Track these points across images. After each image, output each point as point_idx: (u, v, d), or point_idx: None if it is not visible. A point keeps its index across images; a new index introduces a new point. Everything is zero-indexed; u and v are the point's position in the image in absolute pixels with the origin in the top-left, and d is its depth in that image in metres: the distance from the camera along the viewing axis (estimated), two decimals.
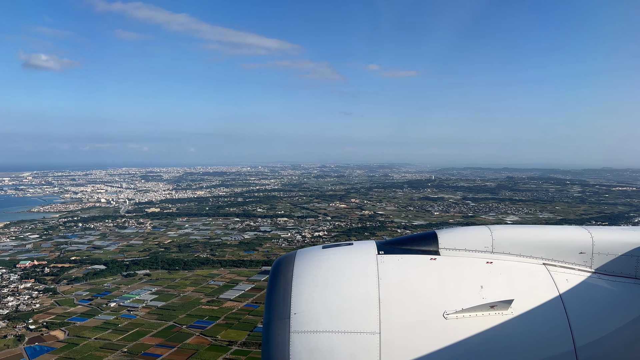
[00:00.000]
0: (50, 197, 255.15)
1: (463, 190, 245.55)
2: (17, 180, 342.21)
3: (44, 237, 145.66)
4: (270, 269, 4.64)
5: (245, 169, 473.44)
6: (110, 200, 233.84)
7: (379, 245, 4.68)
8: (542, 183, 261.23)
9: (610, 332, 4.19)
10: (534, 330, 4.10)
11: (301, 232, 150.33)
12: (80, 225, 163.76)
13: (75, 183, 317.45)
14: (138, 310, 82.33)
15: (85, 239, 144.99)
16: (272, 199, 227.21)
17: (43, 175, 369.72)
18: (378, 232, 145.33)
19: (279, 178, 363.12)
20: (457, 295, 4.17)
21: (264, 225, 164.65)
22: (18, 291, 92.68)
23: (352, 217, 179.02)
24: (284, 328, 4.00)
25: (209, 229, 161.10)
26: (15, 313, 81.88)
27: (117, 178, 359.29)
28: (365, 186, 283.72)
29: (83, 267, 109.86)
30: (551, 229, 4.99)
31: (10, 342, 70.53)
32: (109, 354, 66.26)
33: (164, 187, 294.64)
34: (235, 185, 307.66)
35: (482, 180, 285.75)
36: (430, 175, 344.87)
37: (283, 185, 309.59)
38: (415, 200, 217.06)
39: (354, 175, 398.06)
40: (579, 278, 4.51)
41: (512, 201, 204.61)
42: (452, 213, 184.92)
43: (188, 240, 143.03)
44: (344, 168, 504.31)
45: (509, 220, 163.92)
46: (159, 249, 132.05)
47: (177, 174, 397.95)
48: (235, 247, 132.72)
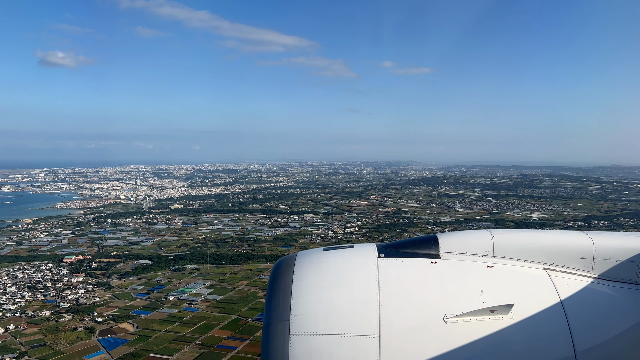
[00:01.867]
0: (68, 193, 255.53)
1: (480, 188, 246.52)
2: (30, 177, 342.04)
3: (76, 233, 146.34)
4: (271, 270, 4.69)
5: (253, 166, 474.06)
6: (130, 197, 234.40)
7: (379, 248, 4.68)
8: (558, 180, 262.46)
9: (610, 338, 4.19)
10: (534, 335, 4.09)
11: (331, 228, 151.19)
12: (110, 221, 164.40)
13: (88, 180, 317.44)
14: (198, 304, 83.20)
15: (118, 234, 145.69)
16: (291, 196, 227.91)
17: (54, 173, 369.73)
18: (408, 228, 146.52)
19: (290, 175, 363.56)
20: (457, 299, 4.19)
21: (291, 222, 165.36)
22: (73, 285, 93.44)
23: (377, 213, 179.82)
24: (284, 330, 4.01)
25: (238, 225, 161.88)
26: (77, 306, 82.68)
27: (128, 175, 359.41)
28: (380, 183, 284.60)
29: (129, 261, 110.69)
30: (552, 234, 5.06)
31: (82, 334, 71.35)
32: (183, 346, 67.14)
33: (179, 184, 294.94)
34: (248, 182, 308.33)
35: (497, 177, 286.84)
36: (444, 173, 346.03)
37: (296, 182, 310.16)
38: (435, 198, 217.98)
39: (363, 173, 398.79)
40: (580, 283, 4.51)
41: (533, 198, 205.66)
42: (475, 210, 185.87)
43: (221, 236, 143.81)
44: (352, 165, 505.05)
45: (534, 217, 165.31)
46: (196, 244, 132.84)
47: (187, 172, 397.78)
48: (271, 242, 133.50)
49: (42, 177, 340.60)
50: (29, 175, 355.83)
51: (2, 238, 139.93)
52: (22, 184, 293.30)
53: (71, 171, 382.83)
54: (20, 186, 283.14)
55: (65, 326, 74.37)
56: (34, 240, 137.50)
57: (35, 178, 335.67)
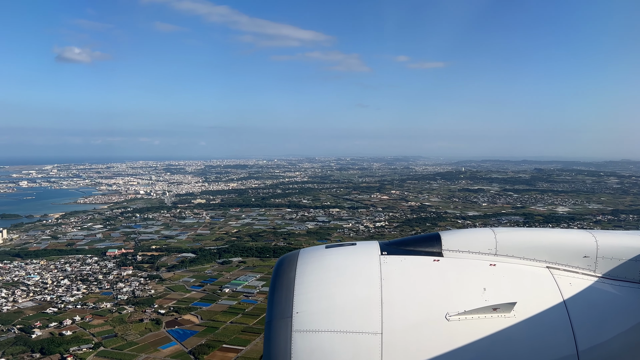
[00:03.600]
0: (86, 189, 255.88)
1: (498, 182, 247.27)
2: (43, 172, 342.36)
3: (108, 228, 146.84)
4: (274, 267, 4.65)
5: (261, 162, 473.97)
6: (149, 192, 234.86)
7: (382, 246, 4.65)
8: (575, 175, 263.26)
9: (613, 337, 4.19)
10: (537, 333, 4.09)
11: (360, 222, 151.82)
12: (138, 216, 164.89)
13: (101, 176, 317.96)
14: (255, 296, 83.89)
15: (150, 229, 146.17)
16: (310, 191, 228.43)
17: (66, 168, 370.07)
18: (438, 222, 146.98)
19: (301, 171, 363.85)
20: (459, 297, 4.17)
21: (319, 216, 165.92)
22: (124, 278, 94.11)
23: (401, 208, 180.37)
24: (286, 327, 3.99)
25: (266, 219, 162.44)
26: (134, 298, 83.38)
27: (140, 171, 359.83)
28: (395, 178, 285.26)
29: (172, 255, 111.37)
30: (555, 232, 5.01)
31: (150, 325, 72.04)
32: (254, 337, 67.82)
33: (194, 180, 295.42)
34: (263, 177, 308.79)
35: (514, 172, 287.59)
36: (455, 168, 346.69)
37: (310, 177, 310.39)
38: (455, 192, 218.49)
39: (374, 168, 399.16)
40: (583, 282, 4.49)
41: (554, 192, 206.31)
42: (499, 204, 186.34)
43: (253, 230, 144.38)
44: (360, 161, 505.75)
45: (560, 211, 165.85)
46: (231, 238, 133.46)
47: (198, 167, 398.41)
48: (305, 236, 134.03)
49: (55, 173, 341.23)
50: (41, 170, 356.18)
51: (36, 232, 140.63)
52: (38, 180, 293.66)
53: (82, 167, 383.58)
54: (37, 182, 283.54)
55: (130, 318, 75.07)
56: (68, 234, 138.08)
57: (49, 174, 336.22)
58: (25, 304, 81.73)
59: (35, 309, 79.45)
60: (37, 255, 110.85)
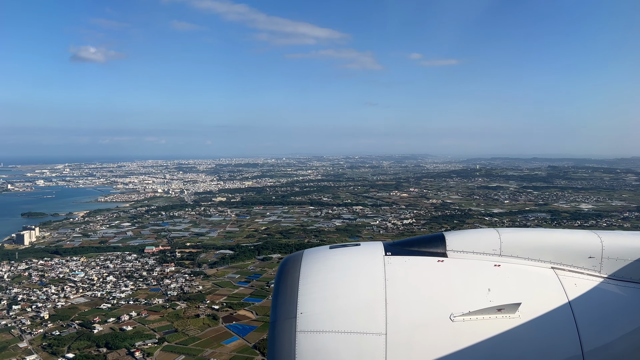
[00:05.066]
0: (103, 187, 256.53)
1: (515, 180, 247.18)
2: (56, 172, 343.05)
3: (137, 225, 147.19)
4: (278, 268, 4.69)
5: (270, 160, 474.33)
6: (168, 190, 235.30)
7: (386, 247, 4.65)
8: (591, 172, 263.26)
9: (618, 338, 4.18)
10: (542, 334, 4.08)
11: (386, 219, 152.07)
12: (164, 213, 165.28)
13: (115, 175, 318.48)
14: None
15: (178, 226, 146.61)
16: (327, 189, 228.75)
17: (77, 168, 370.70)
18: (466, 220, 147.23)
19: (313, 169, 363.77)
20: (464, 297, 4.17)
21: (343, 214, 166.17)
22: (168, 274, 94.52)
23: (424, 205, 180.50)
24: (290, 327, 4.00)
25: (292, 216, 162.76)
26: (184, 294, 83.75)
27: (152, 170, 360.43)
28: (409, 176, 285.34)
29: (210, 251, 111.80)
30: (560, 233, 4.99)
31: (207, 321, 72.39)
32: None
33: (209, 178, 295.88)
34: (276, 176, 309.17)
35: (529, 169, 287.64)
36: (467, 166, 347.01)
37: (323, 176, 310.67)
38: (474, 190, 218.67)
39: (384, 166, 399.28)
40: (588, 282, 4.48)
41: (574, 189, 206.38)
42: (521, 201, 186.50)
43: (281, 227, 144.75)
44: (369, 159, 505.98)
45: (584, 208, 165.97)
46: (262, 235, 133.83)
47: (209, 166, 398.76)
48: (335, 233, 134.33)
49: (68, 172, 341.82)
50: (54, 170, 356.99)
51: (66, 230, 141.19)
52: (53, 179, 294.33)
53: (93, 166, 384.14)
54: (53, 181, 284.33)
55: (185, 313, 75.45)
56: (98, 232, 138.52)
57: (62, 173, 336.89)
58: (77, 300, 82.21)
59: (89, 304, 79.87)
60: (76, 252, 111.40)
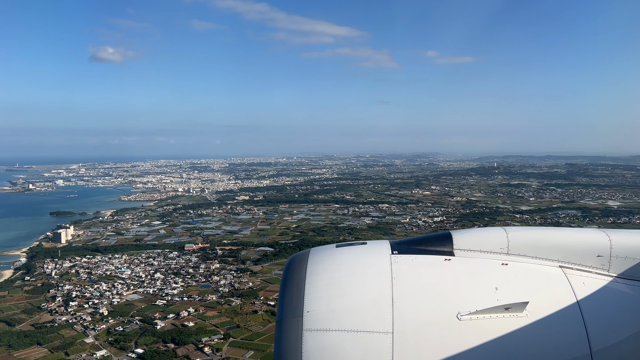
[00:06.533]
0: (123, 187, 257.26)
1: (535, 177, 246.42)
2: (72, 172, 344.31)
3: (167, 224, 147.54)
4: (284, 266, 4.69)
5: (281, 159, 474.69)
6: (188, 189, 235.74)
7: (392, 245, 4.64)
8: (612, 169, 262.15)
9: (627, 337, 4.15)
10: (550, 333, 4.05)
11: (416, 217, 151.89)
12: (192, 212, 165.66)
13: (130, 174, 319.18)
14: None
15: (209, 224, 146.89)
16: (347, 187, 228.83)
17: (92, 168, 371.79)
18: (497, 217, 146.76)
19: (326, 168, 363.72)
20: (471, 296, 4.16)
21: (370, 212, 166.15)
22: (215, 271, 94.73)
23: (449, 203, 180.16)
24: (297, 326, 4.01)
25: (319, 214, 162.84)
26: (236, 291, 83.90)
27: (166, 169, 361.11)
28: (426, 174, 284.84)
29: (249, 249, 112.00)
30: (568, 231, 4.97)
31: (266, 317, 72.47)
32: None
33: (226, 177, 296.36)
34: (292, 174, 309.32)
35: (548, 167, 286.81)
36: (482, 164, 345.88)
37: (339, 174, 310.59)
38: (496, 187, 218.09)
39: (397, 165, 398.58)
40: (596, 281, 4.44)
41: (598, 187, 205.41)
42: (547, 199, 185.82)
43: (311, 225, 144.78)
44: (380, 158, 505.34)
45: (612, 205, 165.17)
46: (295, 232, 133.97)
47: (222, 165, 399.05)
48: (369, 231, 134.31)
49: (83, 172, 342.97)
50: (69, 170, 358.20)
51: (98, 229, 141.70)
52: (72, 179, 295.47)
53: (107, 166, 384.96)
54: (72, 180, 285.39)
55: (242, 309, 75.59)
56: (130, 230, 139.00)
57: (78, 173, 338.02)
58: (131, 296, 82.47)
59: (143, 301, 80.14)
60: (116, 250, 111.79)
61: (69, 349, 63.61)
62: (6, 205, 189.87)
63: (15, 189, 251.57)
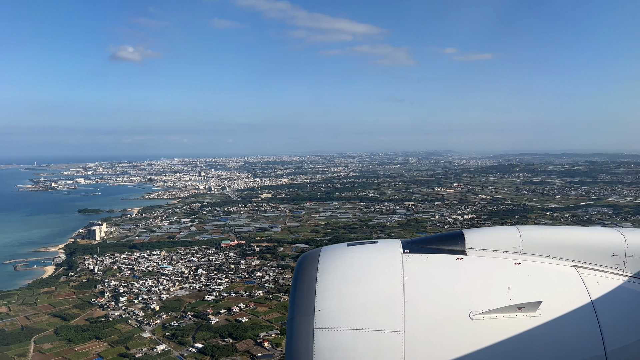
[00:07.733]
0: (144, 185, 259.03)
1: (557, 175, 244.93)
2: (90, 170, 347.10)
3: (197, 221, 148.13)
4: (295, 265, 4.66)
5: (295, 158, 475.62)
6: (210, 187, 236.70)
7: (404, 244, 4.62)
8: (635, 167, 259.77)
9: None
10: (563, 333, 4.00)
11: (444, 215, 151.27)
12: (219, 209, 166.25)
13: (148, 172, 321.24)
14: None
15: (238, 222, 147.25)
16: (368, 185, 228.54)
17: (109, 166, 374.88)
18: (527, 215, 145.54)
19: (342, 166, 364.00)
20: (483, 295, 4.11)
21: (397, 209, 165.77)
22: (256, 267, 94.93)
23: (475, 201, 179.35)
24: (308, 324, 3.99)
25: (346, 212, 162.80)
26: (281, 287, 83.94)
27: (182, 168, 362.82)
28: (445, 172, 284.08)
29: (285, 246, 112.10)
30: (582, 230, 4.90)
31: None
32: None
33: (244, 176, 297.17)
34: (309, 172, 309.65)
35: (568, 165, 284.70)
36: (500, 162, 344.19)
37: (357, 172, 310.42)
38: (519, 185, 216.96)
39: (413, 163, 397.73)
40: (611, 281, 4.38)
41: (623, 184, 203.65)
42: (573, 196, 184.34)
43: (340, 222, 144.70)
44: (394, 156, 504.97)
45: None
46: (326, 229, 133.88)
47: (238, 164, 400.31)
48: (400, 228, 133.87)
49: (101, 170, 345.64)
50: (87, 168, 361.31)
51: (128, 226, 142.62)
52: (92, 177, 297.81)
53: (124, 164, 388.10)
54: (92, 179, 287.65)
55: None
56: (161, 227, 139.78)
57: (97, 171, 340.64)
58: (178, 292, 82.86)
59: (192, 297, 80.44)
60: (153, 247, 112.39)
61: (128, 343, 63.96)
62: (34, 204, 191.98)
63: (38, 187, 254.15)
